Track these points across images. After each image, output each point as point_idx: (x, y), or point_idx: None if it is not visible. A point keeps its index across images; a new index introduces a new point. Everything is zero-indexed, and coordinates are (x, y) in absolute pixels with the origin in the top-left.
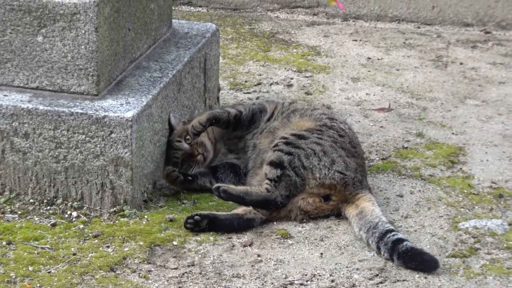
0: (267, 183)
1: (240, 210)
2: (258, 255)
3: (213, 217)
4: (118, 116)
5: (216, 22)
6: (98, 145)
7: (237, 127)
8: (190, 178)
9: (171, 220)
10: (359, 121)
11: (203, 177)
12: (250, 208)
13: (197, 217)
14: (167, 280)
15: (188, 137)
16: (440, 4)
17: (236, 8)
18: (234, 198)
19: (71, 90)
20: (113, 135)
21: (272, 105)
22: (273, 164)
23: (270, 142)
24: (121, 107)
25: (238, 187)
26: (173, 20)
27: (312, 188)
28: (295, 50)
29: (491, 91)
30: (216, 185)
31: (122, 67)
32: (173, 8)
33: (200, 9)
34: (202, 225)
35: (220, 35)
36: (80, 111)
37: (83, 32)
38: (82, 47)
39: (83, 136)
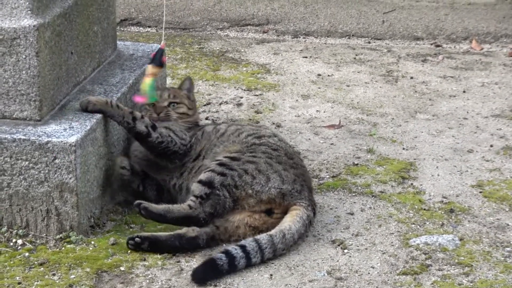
0: (191, 200)
1: (183, 229)
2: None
3: (154, 239)
4: (62, 141)
5: (165, 42)
6: (42, 171)
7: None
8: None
9: (113, 244)
10: (309, 139)
11: (133, 175)
12: (193, 227)
13: (137, 239)
14: None
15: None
16: (390, 18)
17: (185, 27)
18: (155, 216)
19: (14, 116)
20: (57, 161)
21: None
22: (202, 182)
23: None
24: (65, 132)
25: (159, 205)
26: (118, 42)
27: (253, 206)
28: (244, 69)
29: (441, 104)
30: (137, 202)
31: (65, 91)
32: (122, 29)
33: (149, 29)
34: (144, 247)
35: (169, 55)
36: (22, 137)
37: (24, 57)
38: (23, 72)
39: (27, 163)
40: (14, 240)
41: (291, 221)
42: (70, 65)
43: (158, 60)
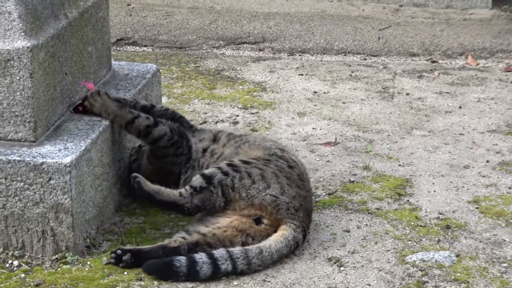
0: (185, 188)
1: (166, 241)
2: None
3: (137, 251)
4: (56, 162)
5: (161, 61)
6: (37, 192)
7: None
8: None
9: (107, 264)
10: (305, 156)
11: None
12: (175, 237)
13: (119, 251)
14: None
15: None
16: (386, 35)
17: (181, 46)
18: (144, 194)
19: (8, 137)
20: (52, 182)
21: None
22: (203, 175)
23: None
24: (59, 153)
25: (153, 185)
26: (113, 62)
27: (243, 210)
28: (240, 87)
29: (437, 120)
30: (134, 174)
31: (60, 112)
32: (118, 48)
33: (145, 48)
34: (126, 259)
35: (165, 74)
36: (17, 158)
37: (18, 78)
38: (18, 93)
39: (22, 184)
40: (10, 261)
41: (273, 240)
42: (65, 86)
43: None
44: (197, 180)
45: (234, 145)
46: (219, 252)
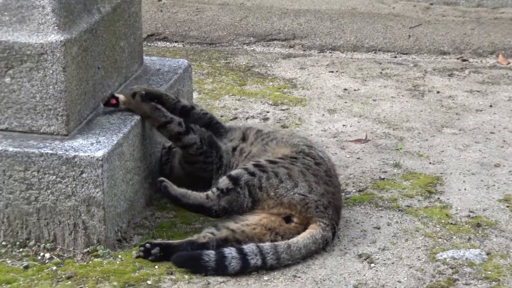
0: (212, 190)
1: (195, 236)
2: None
3: (166, 245)
4: (89, 155)
5: (192, 57)
6: (69, 186)
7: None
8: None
9: (137, 257)
10: (335, 153)
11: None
12: (204, 233)
13: (148, 245)
14: None
15: None
16: (416, 33)
17: (212, 42)
18: (171, 197)
19: (41, 130)
20: (84, 175)
21: (249, 131)
22: (230, 177)
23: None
24: (92, 147)
25: (179, 188)
26: (145, 57)
27: (272, 208)
28: (271, 83)
29: (468, 119)
30: (161, 178)
31: (92, 106)
32: (148, 44)
33: (176, 44)
34: (155, 253)
35: (196, 70)
36: (50, 151)
37: (51, 72)
38: (50, 87)
39: (54, 177)
40: (41, 254)
41: (300, 237)
42: (97, 80)
43: None
44: (223, 181)
45: (261, 143)
46: (249, 247)
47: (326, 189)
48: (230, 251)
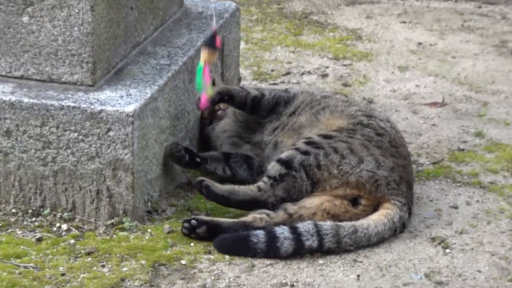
0: (263, 181)
1: (250, 217)
2: (283, 277)
3: (214, 225)
4: (117, 110)
5: (239, 0)
6: (93, 145)
7: (255, 111)
8: (198, 160)
9: (169, 232)
10: (406, 118)
11: (214, 162)
12: (262, 215)
13: (194, 221)
14: None
15: None
16: None
17: None
18: (217, 198)
19: (62, 79)
20: (111, 133)
21: (302, 96)
22: (281, 161)
23: (294, 143)
24: (121, 100)
25: (223, 186)
26: None
27: (336, 189)
28: (331, 34)
29: None
30: (199, 178)
31: (123, 53)
32: None
33: None
34: (200, 232)
35: (243, 16)
36: (72, 104)
37: (77, 11)
38: (75, 28)
39: (76, 134)
40: (58, 225)
41: (374, 220)
42: (129, 23)
43: (211, 42)
44: (274, 167)
45: (310, 112)
46: (305, 226)
47: (395, 162)
48: (282, 231)
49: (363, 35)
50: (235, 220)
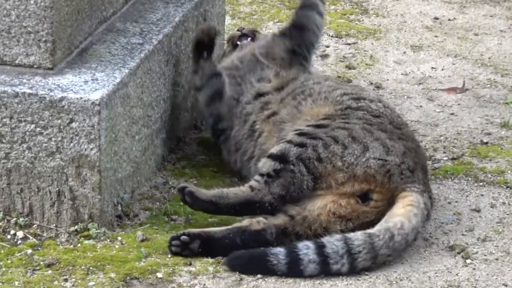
0: (254, 179)
1: (245, 222)
2: None
3: (207, 237)
4: (81, 98)
5: None
6: (53, 139)
7: None
8: None
9: (143, 240)
10: (420, 106)
11: None
12: (259, 217)
13: (185, 237)
14: None
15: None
16: None
17: None
18: (204, 205)
19: (16, 61)
20: (73, 125)
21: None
22: (273, 156)
23: (277, 140)
24: (85, 86)
25: (209, 191)
26: None
27: (343, 185)
28: (332, 7)
29: None
30: (181, 185)
31: (87, 30)
32: None
33: None
34: (193, 248)
35: None
36: (28, 91)
37: None
38: (32, 1)
39: (33, 126)
40: (12, 232)
41: (403, 215)
42: None
43: None
44: (265, 164)
45: (292, 103)
46: (333, 245)
47: (405, 145)
48: (306, 252)
49: (369, 8)
50: (229, 227)
